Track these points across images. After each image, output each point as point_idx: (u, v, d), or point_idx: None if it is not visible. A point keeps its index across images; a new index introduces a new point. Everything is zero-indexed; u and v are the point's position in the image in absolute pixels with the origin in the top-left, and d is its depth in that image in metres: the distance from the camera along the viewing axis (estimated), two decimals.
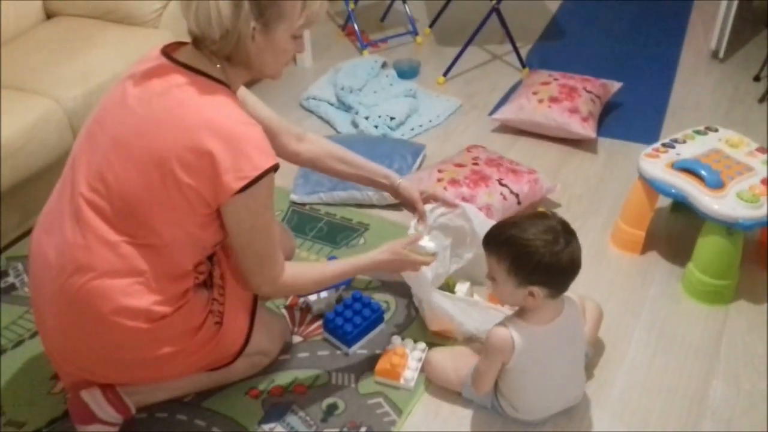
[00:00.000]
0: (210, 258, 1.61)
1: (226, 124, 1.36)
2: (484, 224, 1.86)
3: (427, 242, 1.74)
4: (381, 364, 1.77)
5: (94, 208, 1.41)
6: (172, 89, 1.38)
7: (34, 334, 1.91)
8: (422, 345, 1.83)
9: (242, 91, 1.67)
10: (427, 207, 1.94)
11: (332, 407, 1.72)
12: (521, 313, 1.55)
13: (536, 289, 1.47)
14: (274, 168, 1.40)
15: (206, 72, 1.41)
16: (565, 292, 1.56)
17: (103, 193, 1.41)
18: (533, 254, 1.44)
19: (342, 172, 1.89)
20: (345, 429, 1.66)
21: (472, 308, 1.78)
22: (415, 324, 1.93)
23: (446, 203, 1.96)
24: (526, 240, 1.45)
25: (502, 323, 1.54)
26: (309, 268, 1.73)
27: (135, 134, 1.39)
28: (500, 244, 1.50)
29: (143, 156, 1.38)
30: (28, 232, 2.22)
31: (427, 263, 1.74)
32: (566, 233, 1.47)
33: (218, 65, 1.42)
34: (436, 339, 1.86)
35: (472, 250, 1.96)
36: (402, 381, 1.74)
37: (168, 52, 1.44)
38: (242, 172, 1.35)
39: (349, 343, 1.84)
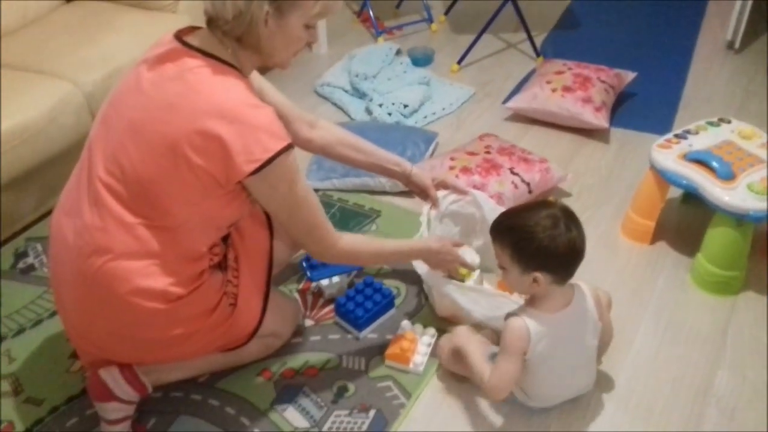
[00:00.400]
0: (224, 239, 1.65)
1: (236, 107, 1.38)
2: (494, 211, 1.88)
3: (472, 253, 1.81)
4: (391, 349, 1.80)
5: (110, 191, 1.44)
6: (184, 73, 1.40)
7: (52, 314, 1.96)
8: (432, 330, 1.86)
9: (255, 77, 1.69)
10: (439, 194, 1.96)
11: (343, 389, 1.75)
12: (531, 302, 1.57)
13: (539, 275, 1.49)
14: (287, 148, 1.40)
15: (218, 56, 1.42)
16: (575, 281, 1.59)
17: (119, 176, 1.44)
18: (532, 239, 1.47)
19: (354, 160, 1.92)
20: (355, 411, 1.69)
21: (481, 296, 1.80)
22: (425, 310, 1.96)
23: (457, 190, 1.99)
24: (526, 226, 1.49)
25: (514, 313, 1.57)
26: (367, 240, 1.80)
27: (148, 118, 1.42)
28: (503, 231, 1.54)
29: (156, 140, 1.40)
30: (47, 214, 2.27)
31: (469, 267, 1.83)
32: (567, 219, 1.49)
33: (229, 48, 1.44)
34: (446, 325, 1.89)
35: (481, 237, 1.99)
36: (411, 365, 1.77)
37: (181, 36, 1.46)
38: (253, 155, 1.37)
39: (360, 328, 1.87)
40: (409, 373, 1.78)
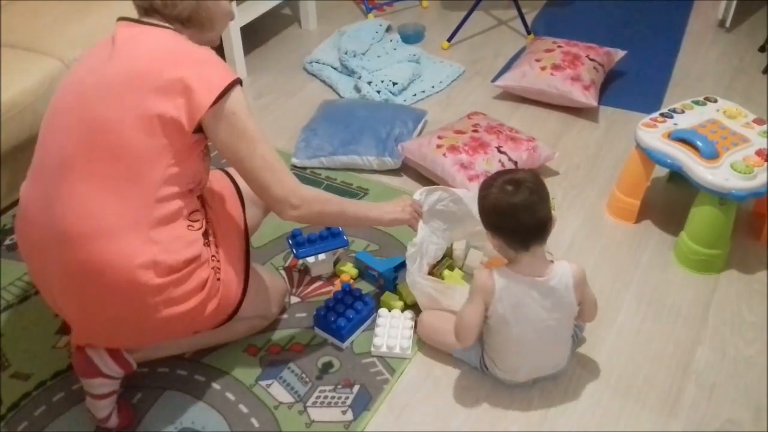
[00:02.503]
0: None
1: (185, 50, 1.50)
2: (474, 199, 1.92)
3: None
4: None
5: (87, 166, 1.44)
6: (138, 36, 1.50)
7: (39, 291, 1.96)
8: (409, 314, 1.86)
9: None
10: (424, 190, 1.93)
11: (327, 366, 1.77)
12: (507, 264, 1.60)
13: (490, 234, 1.57)
14: (238, 81, 1.50)
15: (165, 26, 1.53)
16: (558, 259, 1.61)
17: (95, 150, 1.44)
18: (484, 198, 1.56)
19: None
20: (339, 386, 1.72)
21: (455, 292, 1.78)
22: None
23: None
24: (485, 186, 1.58)
25: (486, 268, 1.61)
26: (327, 194, 1.80)
27: (111, 77, 1.46)
28: (478, 191, 1.62)
29: (119, 93, 1.44)
30: None
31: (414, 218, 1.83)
32: (521, 185, 1.52)
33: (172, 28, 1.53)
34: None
35: (468, 225, 1.98)
36: (398, 350, 1.77)
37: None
38: (213, 84, 1.44)
39: (343, 338, 1.81)
40: (398, 357, 1.78)
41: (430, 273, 1.94)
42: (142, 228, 1.45)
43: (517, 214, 1.51)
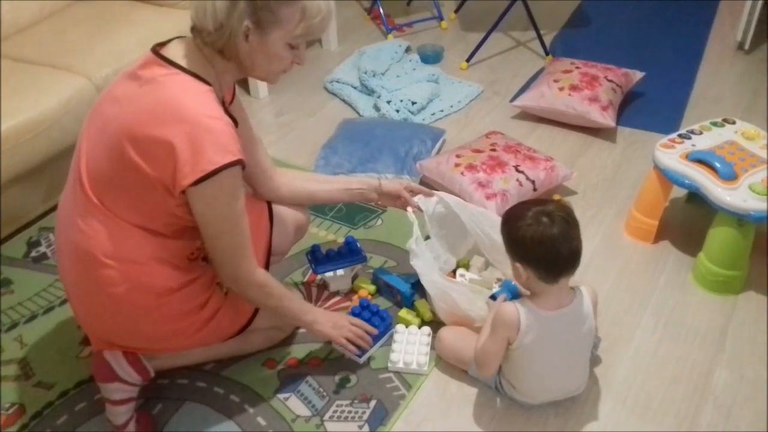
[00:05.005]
0: None
1: (191, 113, 1.38)
2: (463, 206, 1.96)
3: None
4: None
5: (95, 196, 1.49)
6: (150, 81, 1.42)
7: (64, 301, 2.01)
8: (426, 330, 1.87)
9: (247, 129, 1.69)
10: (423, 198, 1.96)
11: (345, 380, 1.79)
12: (530, 297, 1.60)
13: (520, 266, 1.54)
14: (235, 163, 1.40)
15: (188, 69, 1.44)
16: (576, 285, 1.61)
17: (97, 182, 1.49)
18: (514, 230, 1.53)
19: (318, 192, 1.90)
20: (356, 401, 1.73)
21: (476, 296, 1.80)
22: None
23: (423, 192, 1.97)
24: (514, 217, 1.55)
25: (511, 302, 1.60)
26: (278, 283, 1.66)
27: (110, 121, 1.45)
28: (502, 221, 1.61)
29: (113, 142, 1.43)
30: None
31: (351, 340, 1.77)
32: (554, 217, 1.50)
33: (207, 57, 1.46)
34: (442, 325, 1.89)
35: (467, 235, 2.00)
36: (415, 366, 1.79)
37: (159, 48, 1.48)
38: (199, 166, 1.37)
39: (361, 353, 1.81)
40: (414, 374, 1.79)
41: None
42: (142, 255, 1.51)
43: (555, 245, 1.50)
